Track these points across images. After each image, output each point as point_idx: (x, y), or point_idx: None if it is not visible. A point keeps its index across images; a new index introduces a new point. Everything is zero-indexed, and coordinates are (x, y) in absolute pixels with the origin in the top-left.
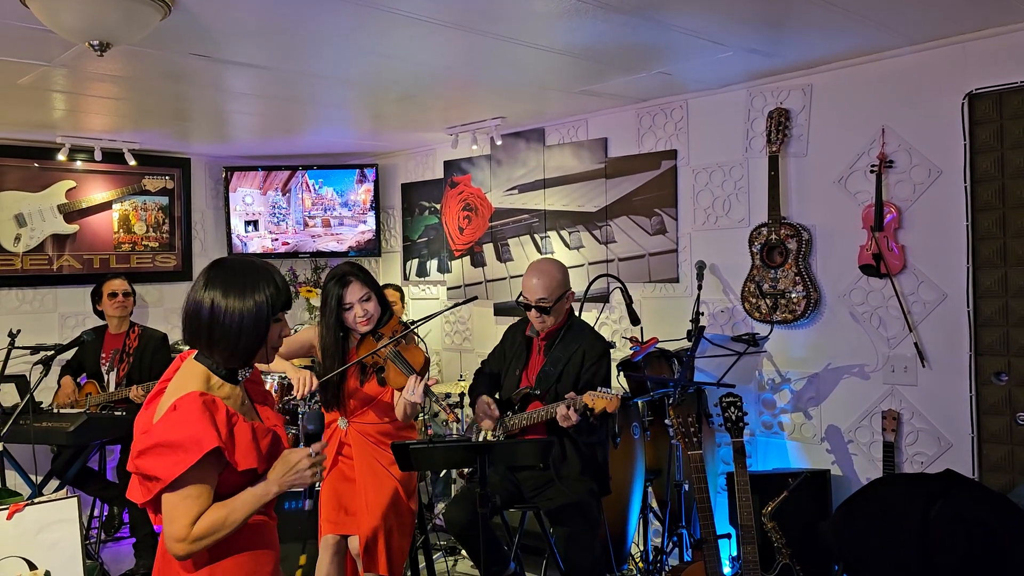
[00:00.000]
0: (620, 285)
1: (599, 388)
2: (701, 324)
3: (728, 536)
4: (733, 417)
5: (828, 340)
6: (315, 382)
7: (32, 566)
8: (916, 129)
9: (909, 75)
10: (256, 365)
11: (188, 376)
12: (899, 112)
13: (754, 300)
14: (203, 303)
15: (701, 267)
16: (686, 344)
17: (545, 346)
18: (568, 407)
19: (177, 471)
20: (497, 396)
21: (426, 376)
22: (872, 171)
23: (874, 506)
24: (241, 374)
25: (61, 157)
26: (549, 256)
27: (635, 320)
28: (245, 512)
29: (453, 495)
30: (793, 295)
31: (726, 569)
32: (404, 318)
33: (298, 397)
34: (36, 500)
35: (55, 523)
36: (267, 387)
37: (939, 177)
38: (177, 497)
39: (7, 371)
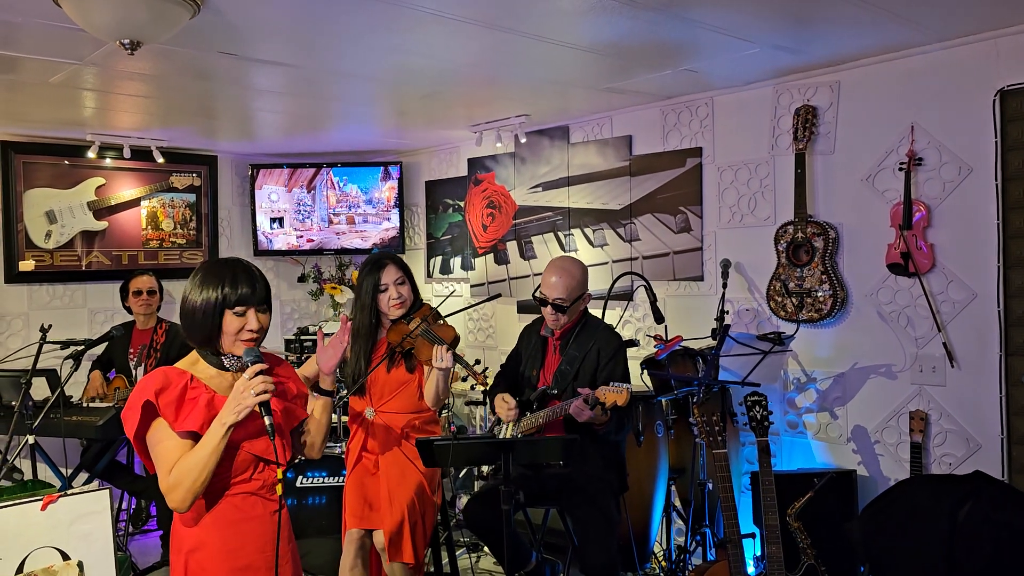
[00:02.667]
0: (644, 283)
1: (611, 383)
2: (726, 323)
3: (752, 536)
4: (758, 416)
5: (855, 339)
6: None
7: (65, 556)
8: (946, 126)
9: (939, 71)
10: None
11: (184, 359)
12: (929, 109)
13: (780, 299)
14: (183, 294)
15: (726, 265)
16: (711, 342)
17: (560, 345)
18: (583, 401)
19: (132, 428)
20: (517, 398)
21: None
22: (901, 169)
23: (901, 507)
24: (227, 361)
25: (91, 155)
26: (571, 255)
27: (659, 318)
28: (207, 448)
29: (475, 489)
30: (819, 294)
31: (750, 569)
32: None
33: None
34: (69, 491)
35: (88, 514)
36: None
37: (969, 175)
38: (154, 454)
39: (38, 365)
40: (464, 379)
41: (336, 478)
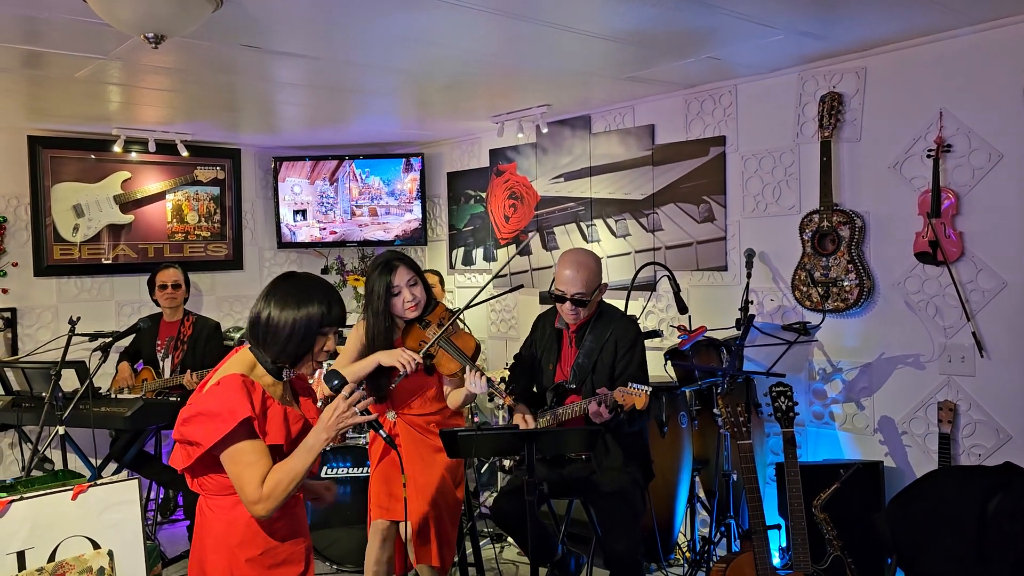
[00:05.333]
0: (668, 273)
1: (630, 384)
2: (750, 313)
3: (777, 527)
4: (783, 407)
5: (882, 329)
6: (416, 356)
7: (96, 545)
8: (975, 112)
9: (968, 56)
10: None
11: (236, 361)
12: (958, 95)
13: (805, 288)
14: (261, 312)
15: (750, 255)
16: (735, 333)
17: (576, 337)
18: (599, 403)
19: (215, 437)
20: (534, 389)
21: (480, 362)
22: (929, 156)
23: (930, 499)
24: (285, 373)
25: (117, 149)
26: (582, 247)
27: (683, 309)
28: (304, 462)
29: (499, 484)
30: (845, 283)
31: (775, 560)
32: (446, 303)
33: (408, 372)
34: (99, 481)
35: (117, 504)
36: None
37: (1000, 161)
38: (239, 467)
39: (67, 357)
40: (491, 399)
41: (361, 469)
